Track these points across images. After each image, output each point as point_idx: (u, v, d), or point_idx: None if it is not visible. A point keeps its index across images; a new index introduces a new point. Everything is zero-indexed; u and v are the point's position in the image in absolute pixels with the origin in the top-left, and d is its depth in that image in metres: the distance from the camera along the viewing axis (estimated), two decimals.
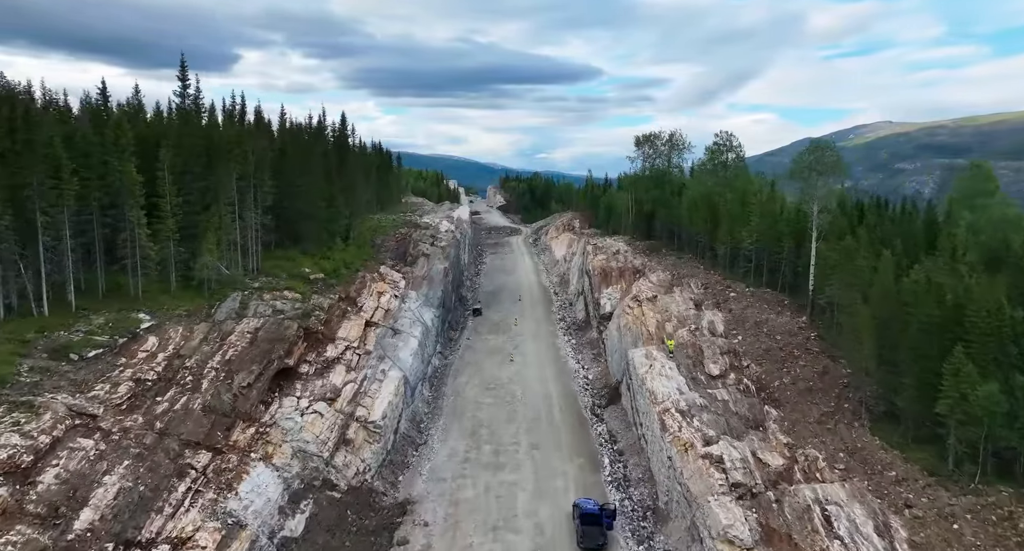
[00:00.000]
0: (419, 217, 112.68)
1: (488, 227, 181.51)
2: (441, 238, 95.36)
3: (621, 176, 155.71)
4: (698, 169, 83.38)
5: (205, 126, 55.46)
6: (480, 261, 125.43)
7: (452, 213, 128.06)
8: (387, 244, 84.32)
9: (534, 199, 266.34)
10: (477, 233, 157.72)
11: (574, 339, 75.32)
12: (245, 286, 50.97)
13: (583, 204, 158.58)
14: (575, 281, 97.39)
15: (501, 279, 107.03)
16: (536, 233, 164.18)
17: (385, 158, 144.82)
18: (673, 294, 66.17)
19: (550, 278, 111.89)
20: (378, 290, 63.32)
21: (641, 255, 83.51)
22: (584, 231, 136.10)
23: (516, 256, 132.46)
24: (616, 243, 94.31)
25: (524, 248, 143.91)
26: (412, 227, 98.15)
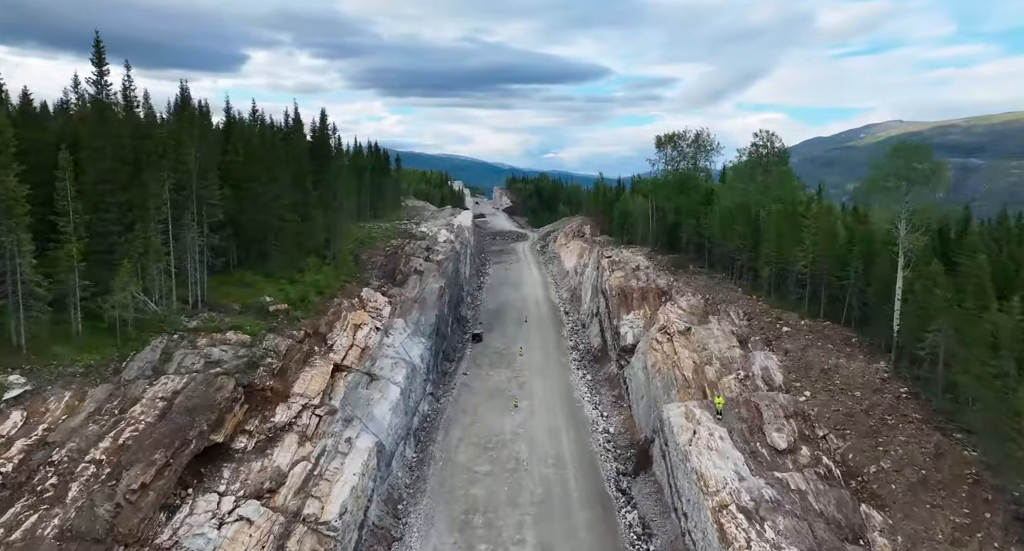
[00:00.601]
0: (416, 225, 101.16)
1: (493, 232, 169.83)
2: (438, 251, 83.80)
3: (636, 179, 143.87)
4: (732, 174, 71.42)
5: (135, 124, 43.90)
6: (483, 272, 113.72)
7: (453, 220, 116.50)
8: (375, 260, 72.83)
9: (541, 201, 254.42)
10: (481, 239, 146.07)
11: (589, 373, 63.52)
12: (176, 327, 39.49)
13: (594, 208, 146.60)
14: (588, 299, 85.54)
15: (505, 294, 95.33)
16: (544, 239, 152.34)
17: (382, 160, 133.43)
18: (710, 325, 54.28)
19: (559, 293, 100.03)
20: (355, 322, 51.76)
21: (665, 273, 71.63)
22: (596, 239, 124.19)
23: (522, 266, 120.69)
24: (635, 257, 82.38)
25: (531, 256, 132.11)
26: (406, 238, 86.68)
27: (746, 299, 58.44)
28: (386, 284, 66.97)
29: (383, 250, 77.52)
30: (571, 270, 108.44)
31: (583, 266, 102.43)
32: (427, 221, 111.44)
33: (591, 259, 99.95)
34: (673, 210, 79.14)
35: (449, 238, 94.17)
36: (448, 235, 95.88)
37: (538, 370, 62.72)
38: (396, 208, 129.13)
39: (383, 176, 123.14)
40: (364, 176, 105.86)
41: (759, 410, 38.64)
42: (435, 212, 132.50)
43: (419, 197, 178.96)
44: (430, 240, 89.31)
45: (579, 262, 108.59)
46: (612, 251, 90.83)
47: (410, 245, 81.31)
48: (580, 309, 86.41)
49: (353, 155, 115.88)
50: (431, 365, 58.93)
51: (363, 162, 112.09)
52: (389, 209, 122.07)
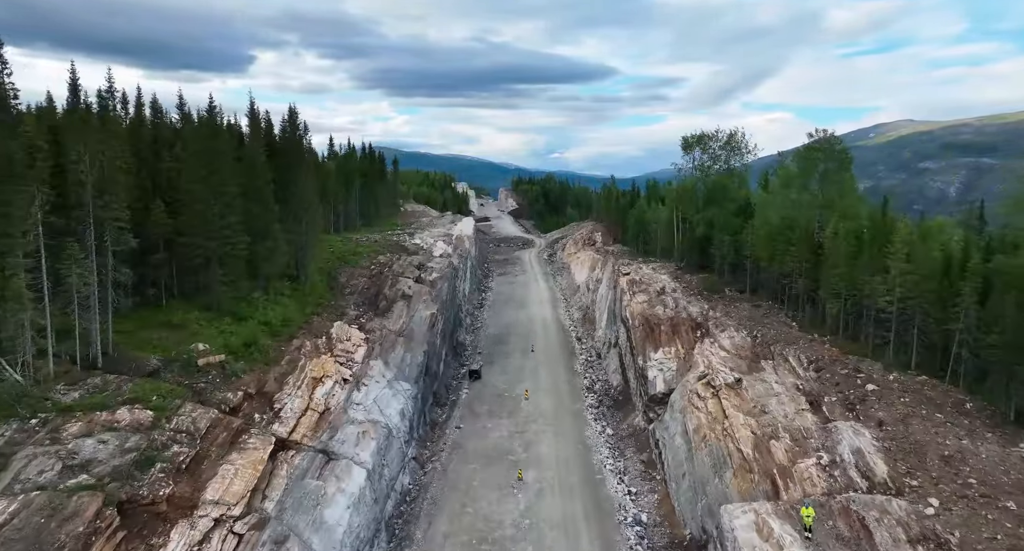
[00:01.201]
0: (410, 235, 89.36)
1: (497, 238, 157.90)
2: (432, 268, 71.92)
3: (651, 183, 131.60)
4: (778, 181, 59.28)
5: None
6: (485, 286, 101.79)
7: (453, 228, 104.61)
8: (355, 282, 61.06)
9: (548, 204, 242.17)
10: (484, 248, 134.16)
11: (610, 426, 51.50)
12: (36, 406, 27.75)
13: (605, 214, 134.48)
14: (603, 323, 73.51)
15: (509, 315, 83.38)
16: (551, 247, 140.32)
17: (378, 163, 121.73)
18: (764, 376, 42.27)
19: (570, 312, 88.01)
20: (316, 374, 39.98)
21: (697, 298, 59.55)
22: (608, 248, 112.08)
23: (528, 279, 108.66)
24: (657, 275, 70.26)
25: (538, 267, 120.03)
26: (396, 252, 74.88)
27: (805, 339, 46.23)
28: (366, 313, 55.20)
29: (367, 269, 65.73)
30: (582, 284, 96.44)
31: (596, 281, 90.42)
32: (424, 230, 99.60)
33: (605, 274, 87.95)
34: (704, 223, 66.89)
35: (446, 252, 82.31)
36: (445, 248, 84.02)
37: (547, 421, 50.79)
38: (392, 215, 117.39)
39: (378, 180, 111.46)
40: (354, 182, 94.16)
41: (866, 527, 26.60)
42: (434, 219, 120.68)
43: (420, 201, 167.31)
44: (424, 255, 77.46)
45: (591, 276, 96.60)
46: (630, 266, 78.75)
47: (400, 262, 69.47)
48: (594, 334, 74.40)
49: (343, 158, 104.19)
50: (416, 420, 47.07)
51: (354, 166, 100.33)
52: (384, 216, 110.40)
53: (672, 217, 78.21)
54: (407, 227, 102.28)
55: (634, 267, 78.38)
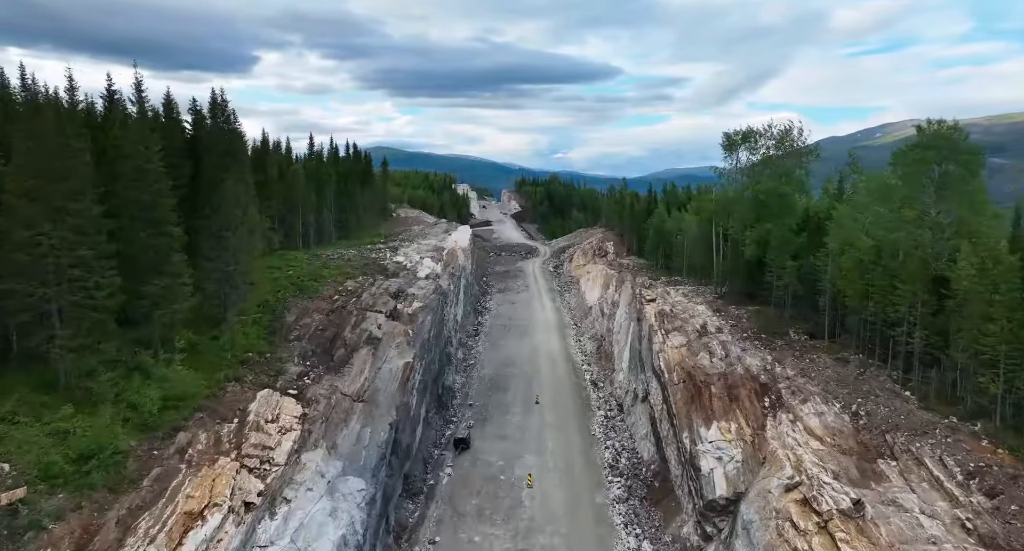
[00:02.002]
0: (392, 251, 74.15)
1: (498, 246, 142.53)
2: (413, 296, 56.72)
3: (667, 187, 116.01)
4: (865, 191, 43.77)
5: None
6: (482, 307, 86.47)
7: (446, 240, 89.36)
8: (307, 321, 45.88)
9: (553, 206, 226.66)
10: (483, 258, 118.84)
11: (648, 537, 36.10)
12: None
13: (617, 220, 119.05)
14: (625, 363, 58.19)
15: (510, 347, 68.08)
16: (557, 256, 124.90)
17: (363, 164, 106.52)
18: (892, 492, 27.13)
19: (581, 342, 72.63)
20: (192, 506, 24.68)
21: (753, 341, 44.27)
22: (623, 261, 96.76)
23: (532, 296, 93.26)
24: (692, 304, 54.91)
25: (542, 281, 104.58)
26: (371, 274, 59.76)
27: (941, 426, 30.84)
28: (314, 370, 40.07)
29: (328, 300, 50.64)
30: (595, 306, 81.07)
31: (611, 304, 75.04)
32: (411, 243, 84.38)
33: (622, 296, 72.64)
34: (755, 242, 51.43)
35: (434, 271, 67.08)
36: (433, 267, 68.78)
37: (559, 529, 35.47)
38: (379, 224, 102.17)
39: (360, 185, 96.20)
40: (327, 188, 78.94)
41: None
42: (426, 228, 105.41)
43: (415, 205, 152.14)
44: (406, 277, 62.27)
45: (605, 295, 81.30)
46: (653, 289, 63.54)
47: (372, 289, 54.35)
48: (613, 378, 59.03)
49: (313, 160, 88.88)
50: (369, 538, 31.78)
51: (328, 169, 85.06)
52: (369, 226, 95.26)
53: (710, 232, 62.72)
54: (393, 239, 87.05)
55: (659, 291, 63.06)
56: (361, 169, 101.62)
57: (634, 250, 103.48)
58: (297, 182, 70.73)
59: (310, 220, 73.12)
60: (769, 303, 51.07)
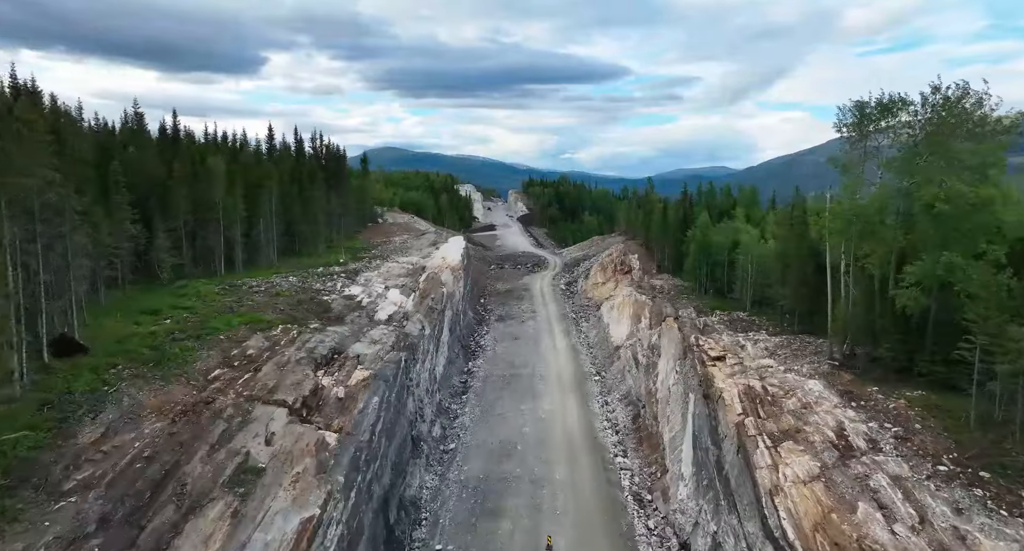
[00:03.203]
0: (350, 278, 52.74)
1: (501, 256, 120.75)
2: (354, 361, 35.22)
3: (703, 188, 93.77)
4: None
5: None
6: (475, 347, 64.65)
7: (430, 257, 68.00)
8: (123, 439, 24.49)
9: (562, 208, 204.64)
10: (482, 272, 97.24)
11: None
12: None
13: (641, 228, 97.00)
14: (688, 473, 36.11)
15: (508, 421, 45.91)
16: (570, 270, 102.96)
17: (339, 163, 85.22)
18: None
19: (610, 408, 50.57)
20: None
21: (962, 481, 22.74)
22: (654, 282, 74.93)
23: (540, 328, 71.38)
24: (802, 381, 32.93)
25: (553, 305, 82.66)
26: (299, 321, 38.41)
27: None
28: None
29: (199, 380, 29.19)
30: (624, 348, 59.18)
31: (649, 348, 53.07)
32: (384, 262, 62.99)
33: (665, 337, 50.66)
34: (919, 281, 29.36)
35: (400, 309, 45.69)
36: (400, 301, 47.40)
37: None
38: (355, 235, 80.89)
39: (333, 187, 74.90)
40: (265, 192, 57.61)
41: None
42: (411, 239, 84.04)
43: (408, 209, 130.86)
44: (355, 322, 40.96)
45: (637, 332, 59.56)
46: (718, 336, 41.92)
47: (288, 352, 33.15)
48: (668, 489, 36.90)
49: (234, 155, 67.44)
50: None
51: (266, 169, 63.64)
52: (339, 238, 74.02)
53: (809, 256, 40.78)
54: (363, 256, 65.64)
55: (726, 341, 41.37)
56: (332, 168, 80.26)
57: (666, 266, 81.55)
58: (214, 183, 49.39)
59: (235, 235, 51.72)
60: (949, 388, 28.97)
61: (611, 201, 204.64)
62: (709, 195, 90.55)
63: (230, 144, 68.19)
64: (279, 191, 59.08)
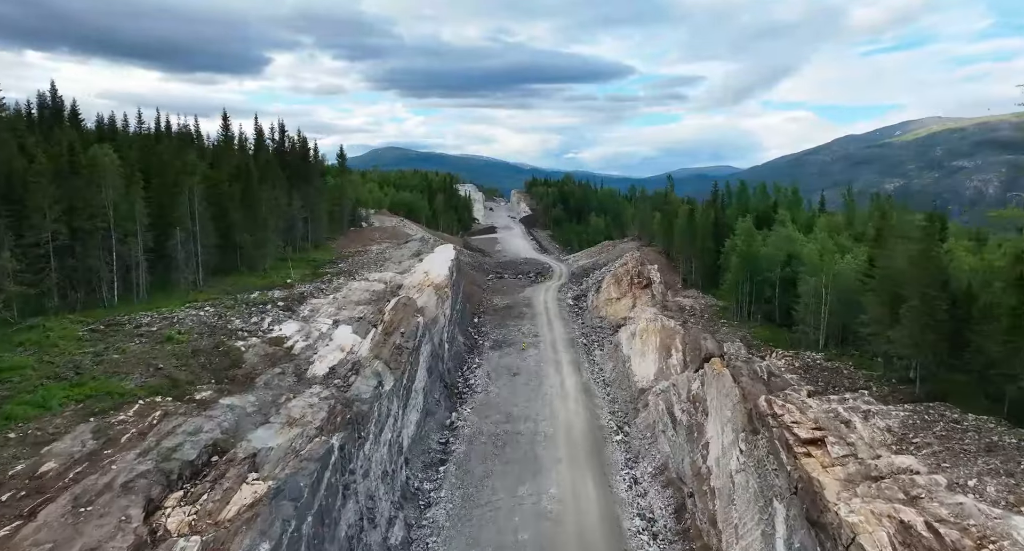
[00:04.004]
0: (291, 307, 38.53)
1: (502, 263, 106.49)
2: (262, 457, 20.86)
3: (736, 187, 79.22)
4: None
5: None
6: (464, 388, 50.33)
7: (409, 273, 54.07)
8: None
9: (567, 209, 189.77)
10: (478, 283, 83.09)
11: None
12: None
13: (659, 233, 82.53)
14: None
15: (500, 521, 31.67)
16: (579, 281, 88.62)
17: (307, 159, 71.15)
18: None
19: (638, 483, 36.22)
20: None
21: None
22: (681, 300, 60.78)
23: (545, 359, 57.10)
24: (989, 509, 18.69)
25: (560, 326, 68.29)
26: (183, 386, 24.29)
27: None
28: None
29: None
30: (653, 391, 44.88)
31: (690, 400, 38.81)
32: (349, 280, 48.91)
33: (716, 390, 36.27)
34: None
35: (350, 357, 31.60)
36: (353, 342, 33.33)
37: None
38: (327, 242, 66.86)
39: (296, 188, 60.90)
40: (185, 193, 43.43)
41: None
42: (392, 248, 70.00)
43: (398, 211, 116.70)
44: (269, 387, 26.79)
45: (665, 367, 45.50)
46: (802, 399, 27.71)
47: (125, 459, 18.92)
48: None
49: (142, 140, 53.32)
50: None
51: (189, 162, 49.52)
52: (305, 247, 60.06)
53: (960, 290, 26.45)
54: (322, 274, 51.55)
55: (819, 413, 27.07)
56: (296, 164, 66.10)
57: (693, 280, 67.27)
58: (100, 180, 35.28)
59: (133, 251, 37.59)
60: None
61: (618, 201, 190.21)
62: (740, 195, 76.07)
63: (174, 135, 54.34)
64: (209, 192, 45.06)
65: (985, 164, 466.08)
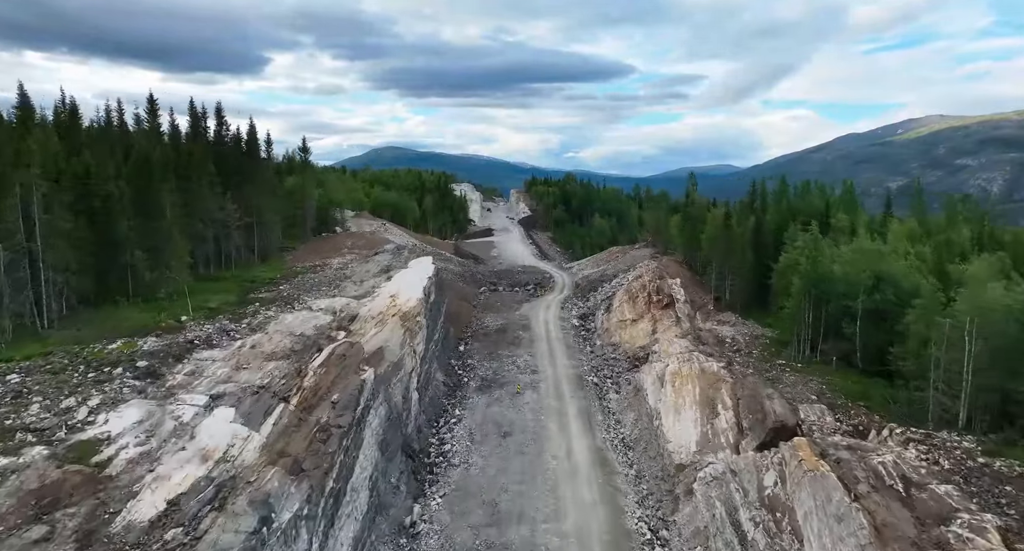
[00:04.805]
0: (144, 378, 24.78)
1: (497, 271, 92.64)
2: None
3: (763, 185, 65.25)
4: None
5: None
6: (436, 459, 36.47)
7: (371, 299, 40.19)
8: None
9: (569, 210, 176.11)
10: (468, 299, 69.35)
11: None
12: None
13: (682, 241, 68.61)
14: None
15: None
16: (585, 295, 74.68)
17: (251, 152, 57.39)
18: None
19: None
20: None
21: None
22: (718, 329, 47.23)
23: (545, 408, 43.24)
24: None
25: (564, 358, 54.30)
26: None
27: None
28: None
29: None
30: (695, 469, 31.22)
31: (762, 500, 25.21)
32: (277, 315, 35.11)
33: (807, 494, 22.67)
34: None
35: (207, 481, 17.66)
36: (225, 443, 19.52)
37: None
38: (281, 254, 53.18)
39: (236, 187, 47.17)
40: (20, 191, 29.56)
41: None
42: (358, 261, 56.31)
43: (383, 213, 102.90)
44: None
45: (710, 432, 31.69)
46: (987, 545, 13.60)
47: None
48: None
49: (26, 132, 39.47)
50: None
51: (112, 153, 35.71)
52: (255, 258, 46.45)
53: None
54: (250, 302, 37.81)
55: None
56: (232, 158, 52.28)
57: (728, 299, 53.45)
58: None
59: None
60: None
61: (622, 201, 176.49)
62: (779, 195, 62.19)
63: None
64: (74, 192, 31.34)
65: (989, 162, 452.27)
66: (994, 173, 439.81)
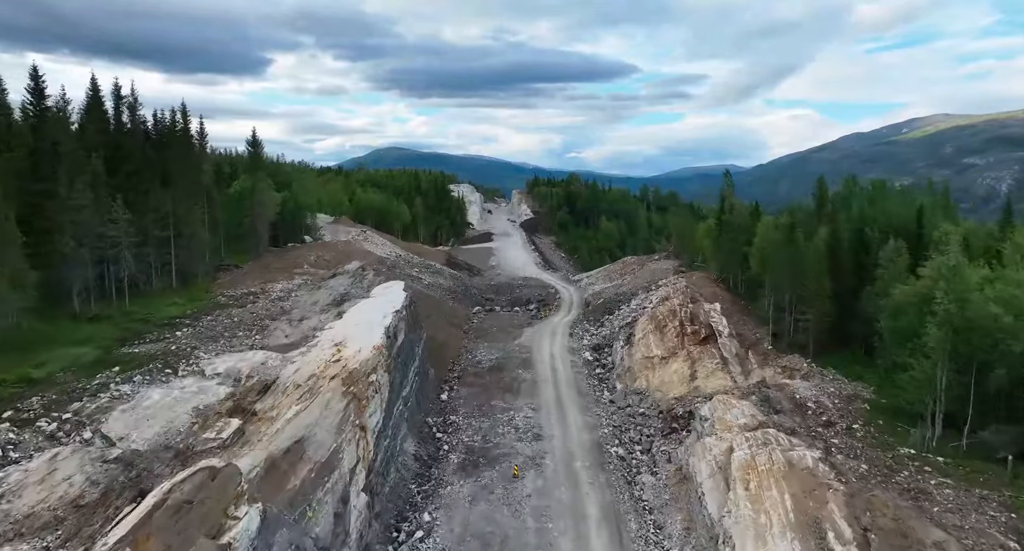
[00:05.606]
0: None
1: (494, 286, 78.98)
2: None
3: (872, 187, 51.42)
4: None
5: None
6: None
7: (303, 352, 26.17)
8: None
9: (573, 212, 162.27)
10: (456, 324, 55.85)
11: None
12: None
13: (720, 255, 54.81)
14: None
15: None
16: (598, 319, 60.88)
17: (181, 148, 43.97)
18: None
19: None
20: None
21: None
22: (779, 378, 33.40)
23: (551, 506, 29.68)
24: None
25: (577, 413, 40.55)
26: None
27: None
28: None
29: None
30: None
31: None
32: (140, 394, 21.48)
33: None
34: None
35: None
36: None
37: None
38: (210, 276, 39.85)
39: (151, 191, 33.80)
40: None
41: None
42: (303, 288, 42.55)
43: (367, 219, 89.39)
44: None
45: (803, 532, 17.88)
46: None
47: None
48: None
49: None
50: None
51: None
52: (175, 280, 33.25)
53: None
54: (113, 362, 24.46)
55: None
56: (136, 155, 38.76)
57: (793, 336, 39.68)
58: None
59: None
60: None
61: (630, 203, 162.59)
62: (843, 199, 48.24)
63: None
64: None
65: (997, 161, 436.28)
66: (1002, 172, 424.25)
